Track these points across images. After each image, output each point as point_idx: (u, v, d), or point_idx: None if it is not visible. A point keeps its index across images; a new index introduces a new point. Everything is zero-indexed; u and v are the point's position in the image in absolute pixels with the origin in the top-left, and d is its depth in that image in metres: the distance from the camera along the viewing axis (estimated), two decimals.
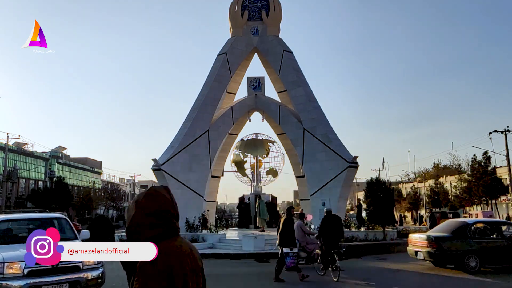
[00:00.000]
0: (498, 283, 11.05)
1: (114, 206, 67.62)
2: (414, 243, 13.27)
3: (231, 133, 26.07)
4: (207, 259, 16.35)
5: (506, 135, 36.67)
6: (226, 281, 11.92)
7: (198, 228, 20.88)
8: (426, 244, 12.48)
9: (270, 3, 25.43)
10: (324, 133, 22.68)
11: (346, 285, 10.90)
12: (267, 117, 25.39)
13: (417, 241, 13.10)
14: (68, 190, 50.28)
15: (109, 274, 13.00)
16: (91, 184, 61.74)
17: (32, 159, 54.23)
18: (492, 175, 41.93)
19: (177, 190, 21.91)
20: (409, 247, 13.63)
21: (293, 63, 24.65)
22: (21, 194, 51.50)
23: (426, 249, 12.42)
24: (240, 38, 25.27)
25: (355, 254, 16.75)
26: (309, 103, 23.57)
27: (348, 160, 21.45)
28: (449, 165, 67.15)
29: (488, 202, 43.99)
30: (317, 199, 21.94)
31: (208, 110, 23.65)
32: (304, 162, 23.06)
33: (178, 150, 22.26)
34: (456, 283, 11.24)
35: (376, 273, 12.61)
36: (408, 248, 13.63)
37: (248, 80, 25.80)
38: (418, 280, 11.92)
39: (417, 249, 12.89)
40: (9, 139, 44.08)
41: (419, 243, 12.89)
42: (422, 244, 12.65)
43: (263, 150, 26.21)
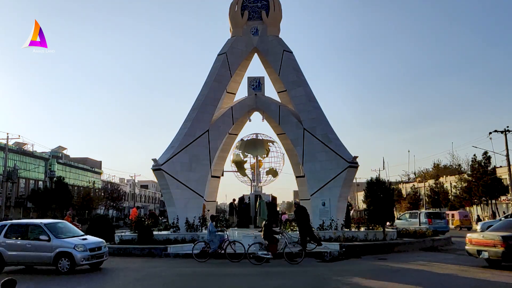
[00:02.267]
0: None
1: (114, 206, 67.64)
2: (475, 242, 13.49)
3: (231, 133, 26.06)
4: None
5: (506, 135, 36.71)
6: (226, 281, 11.93)
7: (198, 228, 20.89)
8: (492, 243, 12.75)
9: (270, 3, 25.43)
10: (324, 133, 22.67)
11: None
12: (267, 117, 25.39)
13: (479, 240, 13.37)
14: (68, 190, 50.30)
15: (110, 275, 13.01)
16: (91, 184, 61.77)
17: (32, 159, 54.25)
18: (492, 175, 41.99)
19: (177, 190, 21.95)
20: (468, 246, 13.82)
21: (293, 63, 24.65)
22: (21, 194, 51.51)
23: (493, 249, 12.65)
24: (240, 38, 25.27)
25: (355, 254, 16.77)
26: (309, 103, 23.57)
27: (348, 160, 21.45)
28: (449, 165, 67.26)
29: (488, 202, 44.00)
30: (317, 199, 21.94)
31: (208, 110, 23.66)
32: (304, 162, 23.06)
33: (178, 150, 22.25)
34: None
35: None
36: (468, 248, 13.82)
37: (248, 80, 25.80)
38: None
39: (480, 248, 13.12)
40: (9, 139, 44.15)
41: (482, 242, 13.13)
42: (487, 244, 12.91)
43: (263, 150, 26.19)
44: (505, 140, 36.65)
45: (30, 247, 13.55)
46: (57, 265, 13.15)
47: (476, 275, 12.08)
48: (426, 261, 14.94)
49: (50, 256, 13.20)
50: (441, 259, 15.81)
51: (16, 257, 13.63)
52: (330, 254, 15.67)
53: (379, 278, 11.71)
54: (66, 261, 13.17)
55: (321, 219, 20.83)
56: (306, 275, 12.33)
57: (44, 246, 13.38)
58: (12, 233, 14.04)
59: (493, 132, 37.68)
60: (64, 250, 13.23)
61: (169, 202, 22.34)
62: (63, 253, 13.20)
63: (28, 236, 13.87)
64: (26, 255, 13.56)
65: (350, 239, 18.76)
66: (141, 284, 11.50)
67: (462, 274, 12.20)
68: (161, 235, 19.98)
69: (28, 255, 13.54)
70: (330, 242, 18.13)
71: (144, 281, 11.91)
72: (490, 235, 13.21)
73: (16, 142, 51.05)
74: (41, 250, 13.38)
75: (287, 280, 11.77)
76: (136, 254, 17.53)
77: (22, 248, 13.64)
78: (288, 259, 14.77)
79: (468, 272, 12.50)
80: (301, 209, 17.28)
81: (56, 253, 13.15)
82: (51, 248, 13.30)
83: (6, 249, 13.64)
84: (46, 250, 13.32)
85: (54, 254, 13.15)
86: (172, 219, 21.73)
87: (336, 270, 13.10)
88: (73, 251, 13.20)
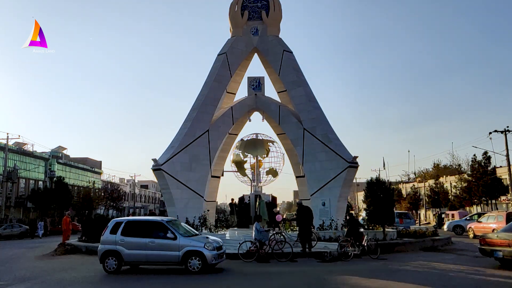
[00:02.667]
0: None
1: (114, 206, 67.61)
2: (491, 242, 13.57)
3: (231, 133, 26.05)
4: None
5: (506, 135, 36.69)
6: (226, 281, 11.92)
7: (198, 228, 20.88)
8: (506, 243, 12.84)
9: (270, 3, 25.42)
10: (324, 133, 22.66)
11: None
12: (267, 117, 25.38)
13: (493, 240, 13.48)
14: (68, 190, 50.27)
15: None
16: (91, 184, 61.73)
17: (32, 159, 54.22)
18: (492, 175, 41.96)
19: (177, 190, 21.95)
20: (483, 246, 13.88)
21: (293, 63, 24.65)
22: (21, 194, 51.49)
23: (508, 248, 12.74)
24: (240, 38, 25.27)
25: (355, 254, 16.73)
26: (309, 103, 23.56)
27: (348, 160, 21.43)
28: (449, 165, 67.23)
29: (488, 202, 43.99)
30: (317, 199, 21.93)
31: (208, 110, 23.65)
32: (304, 162, 23.05)
33: (178, 150, 22.25)
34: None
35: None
36: (482, 247, 13.86)
37: (248, 80, 25.79)
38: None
39: (494, 248, 13.19)
40: (9, 139, 44.14)
41: (497, 242, 13.22)
42: (502, 244, 13.01)
43: (263, 150, 26.18)
44: (505, 140, 36.64)
45: (153, 246, 12.89)
46: (187, 265, 12.66)
47: (477, 274, 12.08)
48: (426, 261, 14.93)
49: (178, 255, 12.69)
50: (441, 259, 15.80)
51: (136, 256, 13.04)
52: (330, 254, 15.66)
53: (379, 278, 11.70)
54: (197, 260, 12.69)
55: (321, 219, 20.83)
56: (306, 275, 12.32)
57: (170, 244, 12.83)
58: (130, 231, 13.31)
59: (493, 132, 37.67)
60: (194, 249, 12.75)
61: (169, 202, 22.33)
62: (193, 252, 12.72)
63: (149, 234, 13.18)
64: (149, 254, 12.93)
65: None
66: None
67: (463, 274, 12.20)
68: None
69: (151, 254, 12.92)
70: (330, 242, 18.11)
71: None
72: (505, 235, 13.32)
73: (16, 142, 51.02)
74: (167, 249, 12.83)
75: (287, 280, 11.76)
76: None
77: (143, 247, 12.96)
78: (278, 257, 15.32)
79: (468, 272, 12.50)
80: (304, 209, 17.35)
81: (184, 252, 12.67)
82: (178, 246, 12.76)
83: (124, 248, 13.05)
84: (173, 249, 12.78)
85: (182, 253, 12.67)
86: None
87: (336, 270, 13.10)
88: (204, 250, 12.72)
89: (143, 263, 13.48)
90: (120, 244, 13.11)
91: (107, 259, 13.11)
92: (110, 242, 13.24)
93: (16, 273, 13.48)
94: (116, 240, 13.19)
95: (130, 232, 13.31)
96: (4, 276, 13.07)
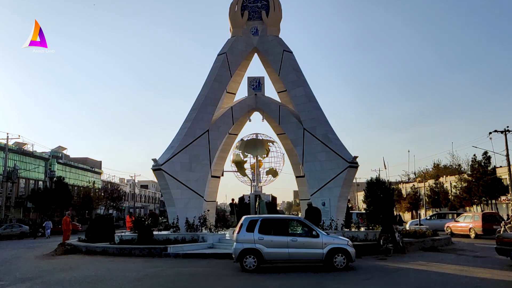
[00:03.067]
0: None
1: (114, 206, 67.63)
2: (508, 242, 13.79)
3: (231, 133, 26.05)
4: (207, 259, 16.38)
5: (506, 135, 36.69)
6: (227, 281, 11.92)
7: (198, 228, 20.89)
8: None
9: (270, 3, 25.42)
10: (324, 133, 22.66)
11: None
12: (267, 117, 25.38)
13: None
14: (68, 190, 50.26)
15: (110, 274, 13.01)
16: (91, 184, 61.73)
17: (32, 159, 54.21)
18: (492, 175, 41.90)
19: (177, 190, 21.94)
20: (500, 246, 14.07)
21: (293, 63, 24.65)
22: (21, 194, 51.49)
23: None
24: (240, 38, 25.27)
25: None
26: (309, 103, 23.56)
27: (348, 160, 21.43)
28: (449, 165, 67.16)
29: (488, 202, 43.96)
30: (317, 199, 21.91)
31: (208, 110, 23.65)
32: (304, 162, 23.05)
33: (178, 150, 22.25)
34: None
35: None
36: (499, 247, 14.06)
37: (248, 80, 25.79)
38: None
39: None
40: (9, 139, 44.15)
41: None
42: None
43: (263, 150, 26.18)
44: (505, 140, 36.64)
45: (295, 244, 12.93)
46: (332, 262, 12.82)
47: (477, 274, 12.08)
48: (426, 261, 14.94)
49: (322, 253, 12.84)
50: (441, 259, 15.82)
51: (277, 254, 12.99)
52: None
53: (379, 278, 11.70)
54: (342, 258, 12.85)
55: (321, 219, 20.80)
56: (306, 275, 12.32)
57: (314, 242, 12.95)
58: (266, 229, 13.20)
59: (493, 132, 37.67)
60: (339, 247, 12.98)
61: (169, 202, 22.33)
62: (338, 249, 12.92)
63: (286, 231, 13.22)
64: (291, 252, 12.92)
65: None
66: None
67: (463, 274, 12.20)
68: (161, 235, 19.97)
69: (294, 252, 12.93)
70: None
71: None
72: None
73: (16, 142, 51.02)
74: (311, 247, 12.94)
75: (287, 280, 11.76)
76: (136, 254, 17.52)
77: (284, 245, 12.92)
78: None
79: (469, 272, 12.51)
80: (313, 209, 18.17)
81: (329, 250, 12.84)
82: (322, 244, 12.91)
83: (264, 246, 12.93)
84: (317, 247, 12.91)
85: (326, 251, 12.84)
86: (172, 219, 21.73)
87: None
88: (348, 248, 13.00)
89: (283, 262, 13.43)
90: (258, 242, 12.94)
91: (246, 258, 12.93)
92: (248, 240, 13.01)
93: (16, 273, 13.47)
94: (254, 238, 12.99)
95: (266, 230, 13.19)
96: (4, 276, 13.07)
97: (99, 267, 14.53)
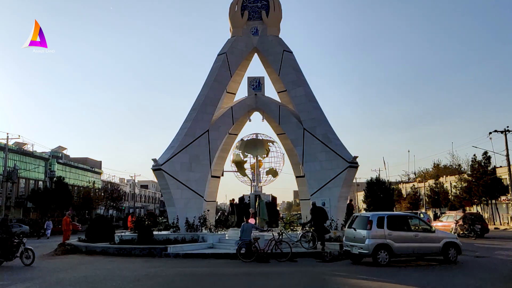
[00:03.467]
0: None
1: (114, 206, 67.62)
2: None
3: (231, 133, 26.04)
4: (207, 259, 16.37)
5: (506, 135, 36.74)
6: (227, 281, 11.92)
7: (198, 228, 20.88)
8: None
9: (270, 3, 25.42)
10: (324, 133, 22.66)
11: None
12: (267, 117, 25.37)
13: None
14: (68, 190, 50.28)
15: (110, 274, 13.01)
16: (91, 184, 61.72)
17: (32, 159, 54.21)
18: (492, 175, 41.92)
19: (177, 190, 21.95)
20: None
21: (293, 63, 24.65)
22: (21, 194, 51.49)
23: None
24: (240, 38, 25.27)
25: None
26: (309, 103, 23.56)
27: (348, 160, 21.43)
28: (449, 165, 67.19)
29: (488, 202, 43.97)
30: (317, 199, 21.87)
31: (208, 110, 23.65)
32: (304, 162, 23.04)
33: (178, 150, 22.25)
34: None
35: None
36: None
37: (248, 80, 25.78)
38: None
39: None
40: (9, 139, 44.10)
41: None
42: None
43: (263, 150, 26.17)
44: (505, 140, 36.69)
45: (418, 238, 14.12)
46: (447, 255, 14.17)
47: (477, 274, 12.09)
48: (426, 261, 14.94)
49: (439, 246, 14.10)
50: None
51: (404, 248, 13.96)
52: (330, 254, 15.67)
53: (379, 278, 11.70)
54: (454, 251, 14.24)
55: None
56: (306, 275, 12.33)
57: (432, 237, 14.37)
58: (392, 225, 14.12)
59: (493, 132, 37.72)
60: (452, 241, 14.47)
61: (169, 202, 22.33)
62: (451, 243, 14.33)
63: (408, 227, 14.42)
64: (415, 247, 14.06)
65: None
66: None
67: (463, 274, 12.20)
68: (161, 235, 19.96)
69: (418, 247, 14.08)
70: (330, 242, 18.11)
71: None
72: None
73: (16, 142, 51.02)
74: (430, 241, 14.26)
75: (287, 280, 11.76)
76: (136, 254, 17.53)
77: (409, 240, 14.03)
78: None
79: (469, 272, 12.50)
80: (319, 209, 18.13)
81: (444, 243, 14.16)
82: (438, 239, 14.32)
83: (393, 241, 13.82)
84: (435, 241, 14.25)
85: (442, 245, 14.11)
86: (172, 219, 21.73)
87: (336, 270, 13.10)
88: (457, 241, 14.52)
89: (407, 256, 14.38)
90: (389, 238, 13.83)
91: (379, 252, 13.72)
92: (380, 236, 13.85)
93: (16, 273, 13.47)
94: (385, 234, 13.87)
95: (392, 226, 14.15)
96: (4, 276, 13.07)
97: (99, 267, 14.52)
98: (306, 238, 17.38)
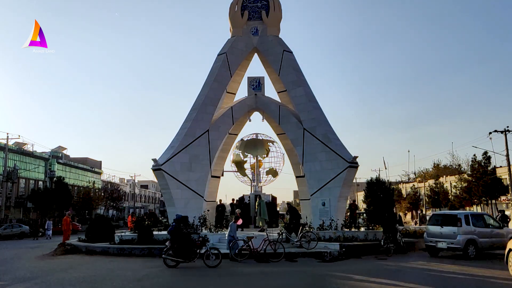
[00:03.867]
0: None
1: (114, 206, 67.62)
2: None
3: (231, 133, 26.05)
4: None
5: (506, 135, 36.69)
6: (226, 281, 11.93)
7: (198, 228, 20.88)
8: None
9: (270, 3, 25.43)
10: (324, 133, 22.67)
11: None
12: (267, 117, 25.38)
13: None
14: (68, 190, 50.24)
15: (109, 274, 13.01)
16: (91, 184, 61.73)
17: (32, 159, 54.22)
18: (492, 175, 41.89)
19: (177, 190, 21.95)
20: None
21: (293, 63, 24.66)
22: (21, 194, 51.49)
23: None
24: (240, 38, 25.27)
25: (355, 254, 16.78)
26: (309, 103, 23.57)
27: (348, 160, 21.43)
28: (449, 165, 67.18)
29: (488, 202, 43.97)
30: (317, 199, 21.93)
31: (208, 110, 23.66)
32: (304, 162, 23.05)
33: (178, 150, 22.26)
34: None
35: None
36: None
37: (248, 80, 25.79)
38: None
39: None
40: (9, 139, 44.15)
41: None
42: None
43: (263, 150, 26.19)
44: (505, 140, 36.65)
45: (494, 234, 16.50)
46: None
47: (477, 274, 12.09)
48: (426, 261, 14.96)
49: (505, 241, 14.82)
50: (441, 259, 15.82)
51: (486, 243, 16.15)
52: (330, 254, 15.70)
53: (379, 278, 11.71)
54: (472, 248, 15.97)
55: (321, 219, 20.83)
56: (306, 275, 12.33)
57: (502, 233, 16.65)
58: (475, 222, 16.34)
59: (493, 132, 37.67)
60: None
61: (169, 202, 22.33)
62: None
63: (487, 224, 16.76)
64: (494, 241, 16.25)
65: (350, 239, 18.75)
66: None
67: (463, 274, 12.20)
68: (161, 235, 19.96)
69: (493, 241, 16.26)
70: (330, 242, 18.13)
71: None
72: None
73: (16, 142, 51.03)
74: (500, 236, 16.38)
75: (287, 280, 11.77)
76: (136, 254, 17.53)
77: (488, 235, 16.34)
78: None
79: (469, 272, 12.51)
80: (294, 209, 20.17)
81: (511, 238, 15.09)
82: (503, 234, 16.46)
83: (478, 237, 15.95)
84: (503, 236, 16.27)
85: (508, 239, 14.66)
86: (172, 219, 21.70)
87: (336, 270, 13.11)
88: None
89: (487, 249, 16.37)
90: (475, 234, 16.02)
91: (468, 247, 15.76)
92: (469, 232, 15.99)
93: (16, 273, 13.47)
94: (472, 230, 16.05)
95: (474, 223, 16.29)
96: (4, 276, 13.07)
97: (99, 267, 14.53)
98: (306, 238, 17.39)
